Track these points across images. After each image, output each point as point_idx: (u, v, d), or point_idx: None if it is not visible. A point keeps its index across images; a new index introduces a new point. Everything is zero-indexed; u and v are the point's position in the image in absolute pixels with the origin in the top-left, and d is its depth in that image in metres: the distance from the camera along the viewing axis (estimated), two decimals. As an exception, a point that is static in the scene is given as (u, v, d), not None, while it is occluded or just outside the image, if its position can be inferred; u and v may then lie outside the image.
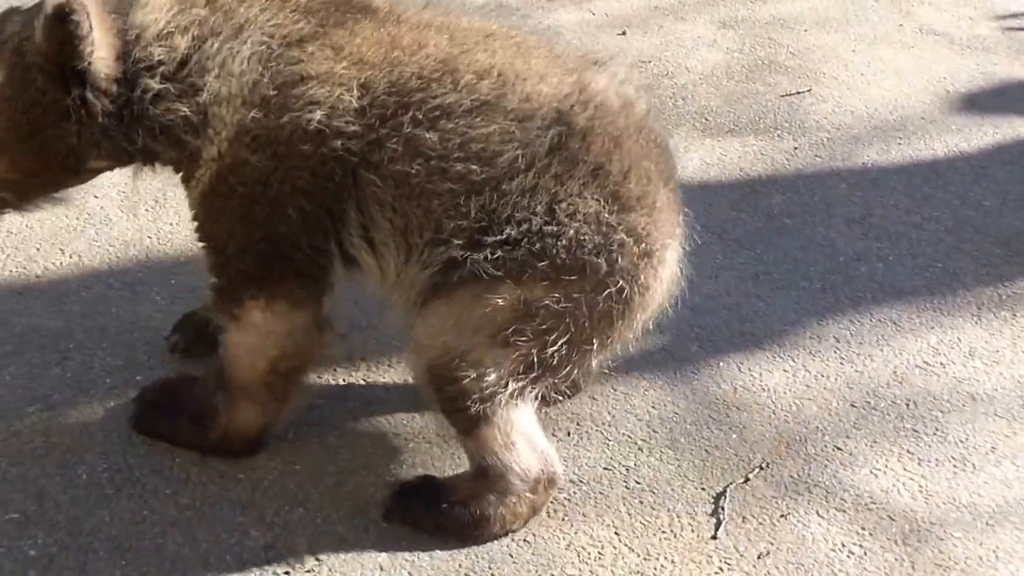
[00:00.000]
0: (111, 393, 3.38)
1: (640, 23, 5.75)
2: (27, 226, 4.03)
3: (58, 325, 3.63)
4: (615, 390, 3.50)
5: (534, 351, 2.83)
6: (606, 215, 2.80)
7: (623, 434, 3.36)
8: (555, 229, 2.77)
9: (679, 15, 5.86)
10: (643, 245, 2.85)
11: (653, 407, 3.46)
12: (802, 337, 3.77)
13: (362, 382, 3.46)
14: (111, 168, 3.06)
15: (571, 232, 2.77)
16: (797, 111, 5.04)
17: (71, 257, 3.92)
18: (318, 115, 2.77)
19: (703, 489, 3.21)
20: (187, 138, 2.84)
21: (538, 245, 2.76)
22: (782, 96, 5.15)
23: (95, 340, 3.57)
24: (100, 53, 2.78)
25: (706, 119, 4.95)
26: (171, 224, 4.10)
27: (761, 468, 3.28)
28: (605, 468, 3.25)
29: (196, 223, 2.98)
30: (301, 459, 3.19)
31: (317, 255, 2.90)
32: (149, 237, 4.03)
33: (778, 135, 4.87)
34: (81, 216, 4.11)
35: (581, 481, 3.21)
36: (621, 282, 2.82)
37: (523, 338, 2.81)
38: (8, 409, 3.31)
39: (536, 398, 2.97)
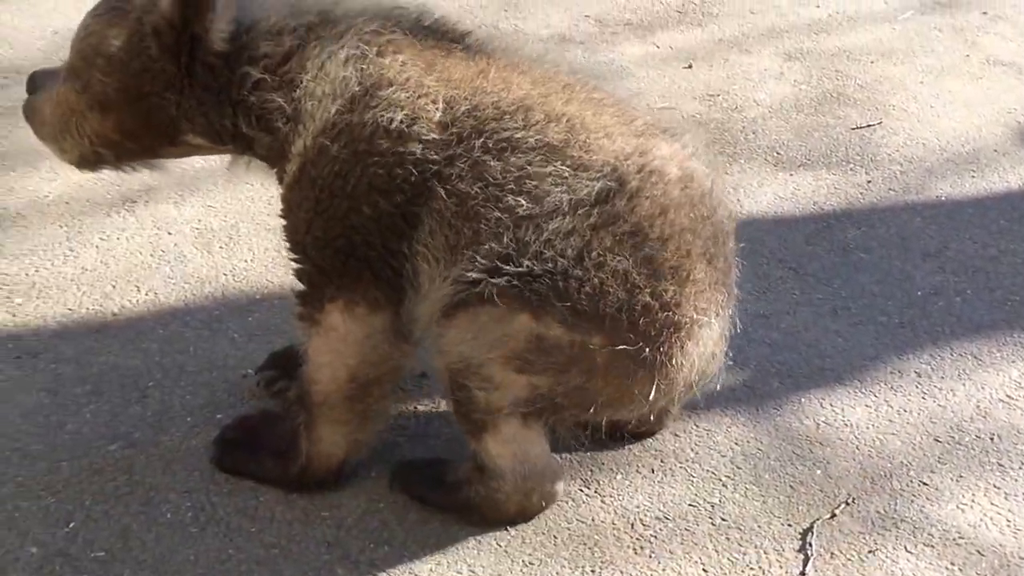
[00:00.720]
0: (192, 432, 3.38)
1: (705, 56, 5.73)
2: (102, 263, 4.05)
3: (136, 364, 3.63)
4: (697, 427, 3.48)
5: (543, 386, 2.90)
6: (635, 275, 2.83)
7: (707, 470, 3.34)
8: (580, 274, 2.81)
9: (743, 47, 5.84)
10: (669, 314, 2.86)
11: (736, 443, 3.43)
12: (883, 372, 3.74)
13: (443, 420, 3.45)
14: (208, 149, 3.19)
15: (596, 281, 2.82)
16: (869, 144, 5.01)
17: (147, 295, 3.93)
18: (400, 116, 2.87)
19: (789, 525, 3.18)
20: (278, 124, 2.97)
21: (561, 284, 2.81)
22: (853, 129, 5.11)
23: (174, 379, 3.58)
24: (219, 25, 2.93)
25: (778, 153, 4.93)
26: (246, 261, 4.11)
27: (847, 504, 3.25)
28: (690, 505, 3.23)
29: (282, 221, 3.09)
30: (385, 497, 3.18)
31: (390, 256, 2.96)
32: (224, 274, 4.04)
33: (851, 168, 4.84)
34: (156, 253, 4.13)
35: (667, 518, 3.18)
36: (641, 344, 2.85)
37: (534, 370, 2.88)
38: (90, 447, 3.32)
39: (544, 426, 3.03)
